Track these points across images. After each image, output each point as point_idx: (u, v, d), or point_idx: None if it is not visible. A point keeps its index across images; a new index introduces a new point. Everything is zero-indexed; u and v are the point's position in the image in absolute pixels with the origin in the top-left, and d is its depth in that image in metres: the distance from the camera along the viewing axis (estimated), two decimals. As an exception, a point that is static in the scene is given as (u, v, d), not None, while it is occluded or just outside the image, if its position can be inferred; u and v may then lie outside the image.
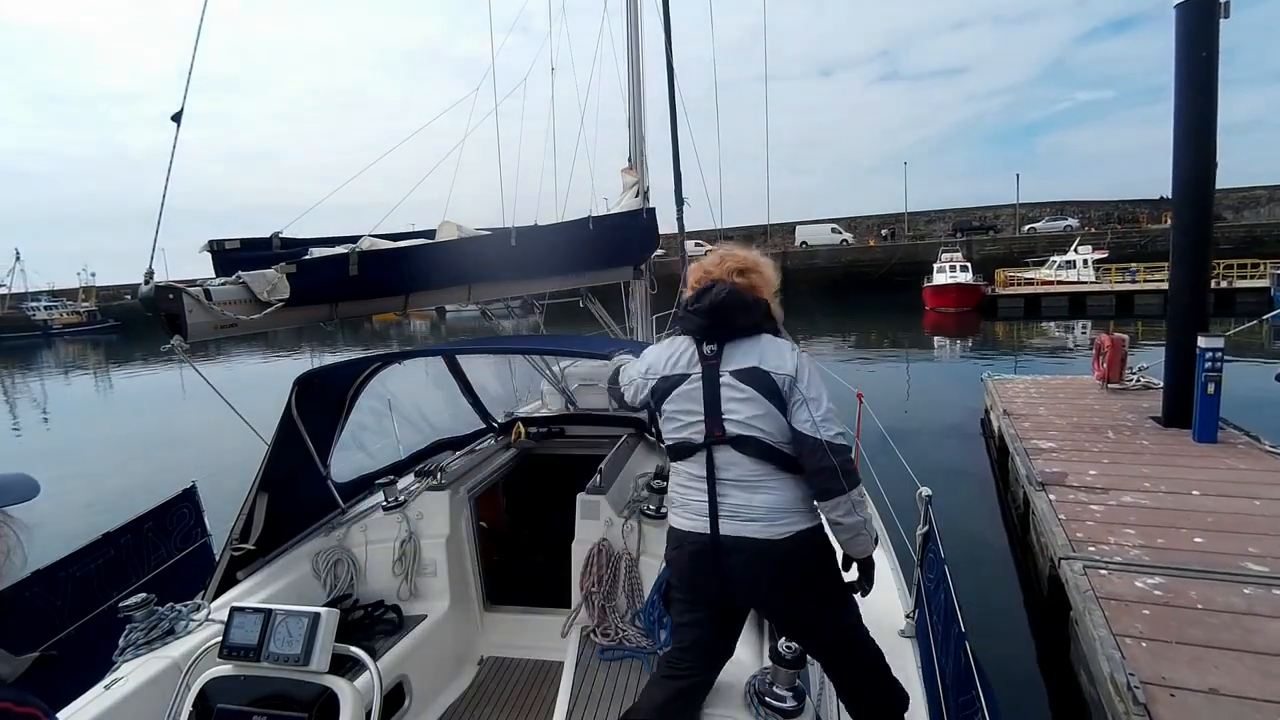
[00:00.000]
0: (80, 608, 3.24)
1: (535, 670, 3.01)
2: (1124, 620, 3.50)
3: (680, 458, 1.88)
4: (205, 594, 2.52)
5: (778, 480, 1.77)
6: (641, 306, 5.69)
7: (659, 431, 2.98)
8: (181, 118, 2.39)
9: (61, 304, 51.15)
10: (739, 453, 1.77)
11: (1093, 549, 4.34)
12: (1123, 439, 6.75)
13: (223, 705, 1.85)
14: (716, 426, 1.79)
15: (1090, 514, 4.90)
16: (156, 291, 2.24)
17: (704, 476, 1.81)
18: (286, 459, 2.73)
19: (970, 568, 5.21)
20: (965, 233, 42.81)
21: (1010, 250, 36.51)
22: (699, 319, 1.88)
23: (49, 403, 21.08)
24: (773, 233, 50.04)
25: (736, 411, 1.78)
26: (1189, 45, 6.54)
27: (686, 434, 1.85)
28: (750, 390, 1.78)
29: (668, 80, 5.96)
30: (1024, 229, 42.69)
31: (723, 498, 1.78)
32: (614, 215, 4.71)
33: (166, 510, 3.93)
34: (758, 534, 1.74)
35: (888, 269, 37.32)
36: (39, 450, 14.00)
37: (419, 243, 3.28)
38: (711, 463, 1.80)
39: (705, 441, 1.80)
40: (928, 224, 49.82)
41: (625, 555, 2.71)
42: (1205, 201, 6.84)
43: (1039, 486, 5.44)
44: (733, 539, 1.76)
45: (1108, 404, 8.26)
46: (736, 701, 1.87)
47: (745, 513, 1.76)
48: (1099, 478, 5.64)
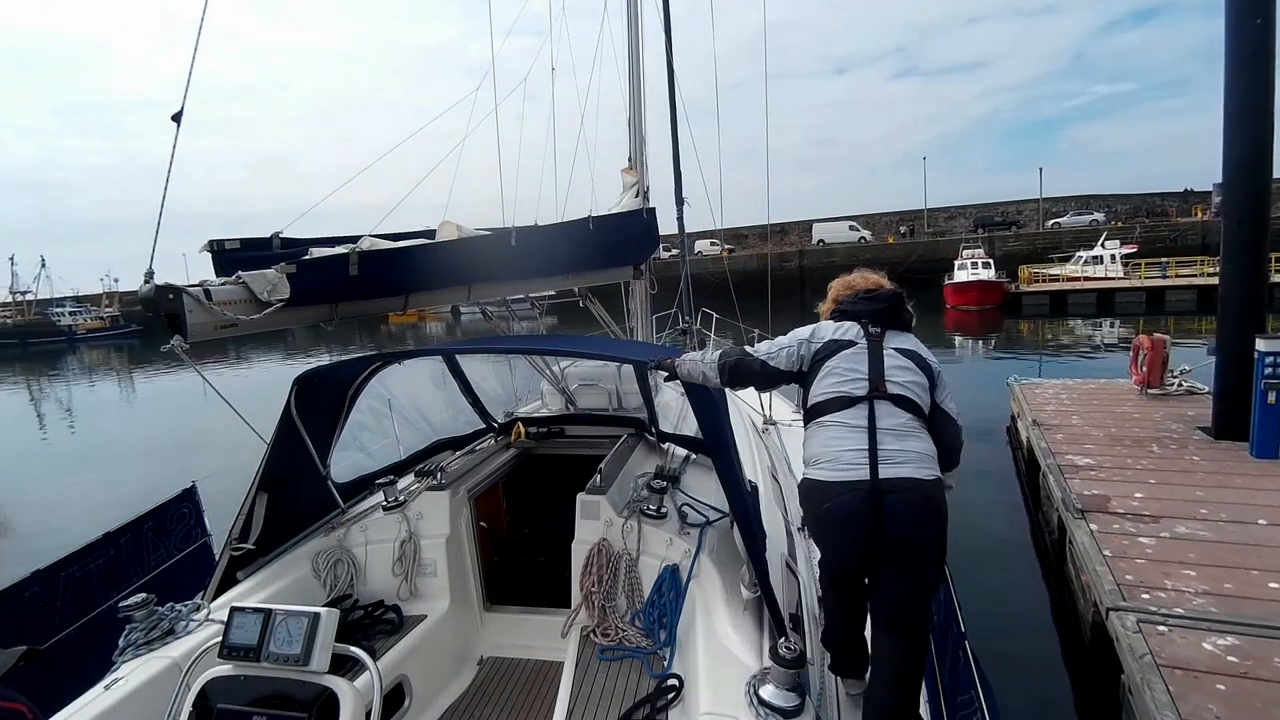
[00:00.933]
0: (80, 608, 3.24)
1: (535, 670, 3.01)
2: (1193, 698, 2.83)
3: (834, 410, 2.18)
4: (205, 594, 2.52)
5: (922, 433, 2.17)
6: (641, 306, 5.69)
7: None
8: (181, 118, 2.39)
9: (85, 310, 51.92)
10: (896, 407, 2.15)
11: (1147, 596, 3.65)
12: (1169, 454, 5.99)
13: (223, 705, 1.85)
14: (880, 384, 2.18)
15: (1140, 549, 4.21)
16: (156, 291, 2.23)
17: (864, 426, 2.13)
18: (286, 459, 2.73)
19: (995, 603, 4.78)
20: (987, 229, 41.48)
21: (1034, 246, 35.30)
22: (873, 304, 2.38)
23: (74, 406, 21.39)
24: (789, 231, 49.69)
25: (897, 375, 2.20)
26: (1240, 11, 5.91)
27: (847, 388, 2.19)
28: (910, 364, 2.23)
29: (668, 80, 5.97)
30: (1048, 224, 41.47)
31: (881, 445, 2.10)
32: (614, 215, 4.70)
33: (166, 510, 3.93)
34: (912, 474, 2.06)
35: (907, 267, 36.23)
36: (64, 452, 14.16)
37: (419, 243, 3.28)
38: (872, 413, 2.14)
39: (868, 394, 2.16)
40: (948, 220, 48.26)
41: (625, 555, 2.71)
42: (1261, 185, 6.13)
43: (1078, 514, 4.78)
44: (891, 480, 2.05)
45: (1148, 412, 7.49)
46: (737, 701, 1.87)
47: (900, 456, 2.08)
48: (1147, 502, 4.91)
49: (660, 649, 2.43)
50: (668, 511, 2.80)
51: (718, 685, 1.93)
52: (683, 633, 2.39)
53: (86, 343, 45.22)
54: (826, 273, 14.75)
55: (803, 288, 39.13)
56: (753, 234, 49.57)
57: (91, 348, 42.81)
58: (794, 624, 2.24)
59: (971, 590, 4.37)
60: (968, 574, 4.69)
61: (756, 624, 2.21)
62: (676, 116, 6.02)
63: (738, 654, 2.03)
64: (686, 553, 2.59)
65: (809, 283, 39.32)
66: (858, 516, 2.02)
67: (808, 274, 40.32)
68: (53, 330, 47.41)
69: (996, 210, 47.23)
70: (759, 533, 2.17)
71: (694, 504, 2.87)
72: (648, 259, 5.26)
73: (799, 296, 37.92)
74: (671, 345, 6.68)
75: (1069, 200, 46.27)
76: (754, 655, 2.06)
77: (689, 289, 7.33)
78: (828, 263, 39.60)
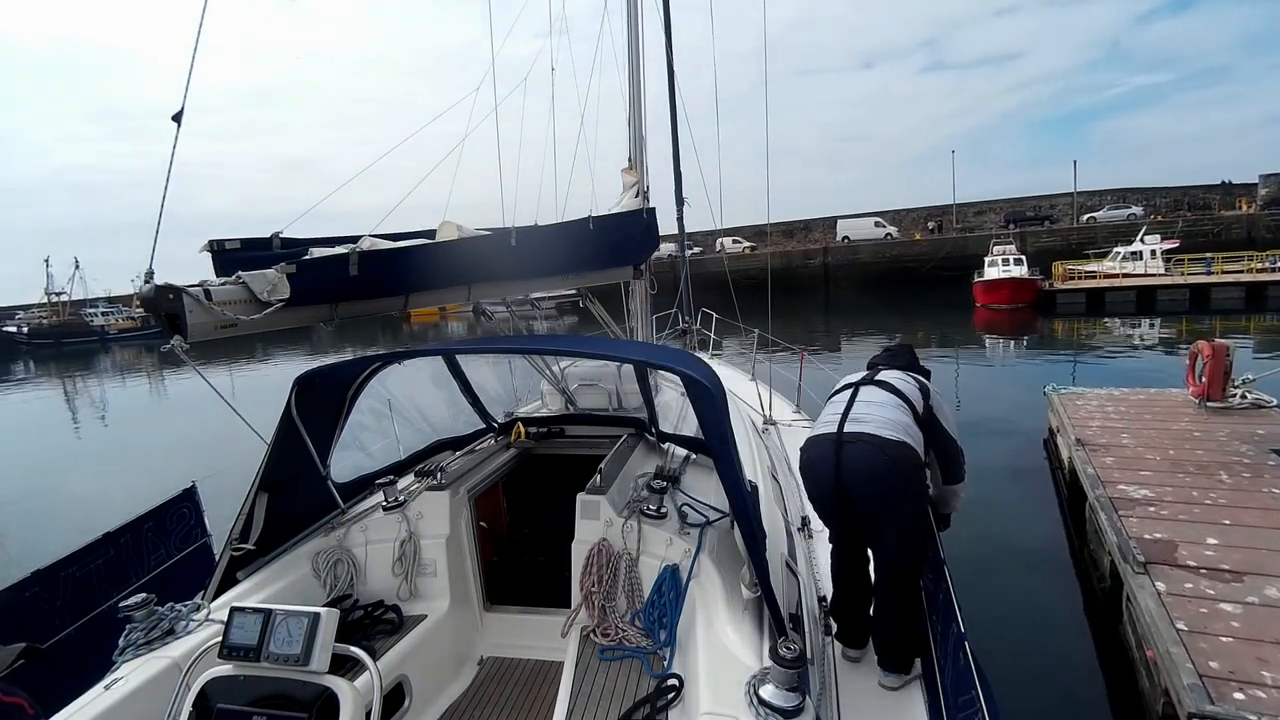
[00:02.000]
0: (80, 608, 3.24)
1: (535, 670, 3.01)
2: None
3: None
4: (205, 594, 2.51)
5: (900, 410, 2.70)
6: (641, 306, 5.69)
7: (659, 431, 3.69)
8: (181, 118, 2.40)
9: (117, 310, 52.59)
10: (879, 389, 2.81)
11: (1240, 694, 2.87)
12: (1243, 485, 5.07)
13: (223, 705, 1.85)
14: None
15: (1223, 620, 3.40)
16: (156, 291, 2.24)
17: (846, 399, 2.83)
18: (286, 459, 2.73)
19: (1033, 661, 4.09)
20: (1018, 224, 39.68)
21: (1068, 241, 33.72)
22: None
23: (106, 404, 21.77)
24: (813, 227, 48.43)
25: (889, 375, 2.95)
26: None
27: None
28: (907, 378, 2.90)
29: (668, 80, 5.99)
30: (1082, 218, 39.65)
31: (853, 411, 2.69)
32: (614, 215, 4.70)
33: (166, 510, 3.93)
34: (874, 431, 2.55)
35: (935, 263, 35.30)
36: (91, 451, 14.34)
37: (419, 243, 3.27)
38: (855, 392, 2.83)
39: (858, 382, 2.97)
40: (977, 215, 46.46)
41: (625, 555, 2.71)
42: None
43: (1139, 568, 3.93)
44: (853, 434, 2.57)
45: (1211, 429, 6.47)
46: (737, 701, 1.86)
47: (866, 418, 2.63)
48: (1224, 552, 4.04)
49: (660, 649, 2.43)
50: (668, 511, 2.80)
51: (718, 685, 1.93)
52: (683, 633, 2.39)
53: (118, 342, 46.24)
54: (851, 270, 14.32)
55: (826, 286, 38.06)
56: (775, 231, 48.39)
57: (123, 347, 43.80)
58: (794, 624, 2.24)
59: (1004, 645, 3.96)
60: (1000, 621, 4.26)
61: (756, 624, 2.21)
62: (676, 117, 6.02)
63: (738, 654, 2.03)
64: (686, 553, 2.59)
65: (833, 281, 38.29)
66: (823, 458, 2.58)
67: (832, 272, 39.09)
68: (86, 330, 48.34)
69: (1028, 205, 44.99)
70: (759, 533, 2.17)
71: (694, 504, 2.87)
72: (648, 259, 5.27)
73: (822, 295, 36.92)
74: (672, 345, 6.69)
75: (1104, 194, 43.95)
76: (754, 655, 2.06)
77: (689, 289, 7.34)
78: (853, 260, 38.83)
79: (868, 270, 37.12)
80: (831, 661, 2.69)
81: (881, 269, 36.99)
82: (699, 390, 2.25)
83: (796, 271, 38.55)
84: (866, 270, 37.16)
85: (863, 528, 2.64)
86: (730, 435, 2.24)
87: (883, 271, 36.66)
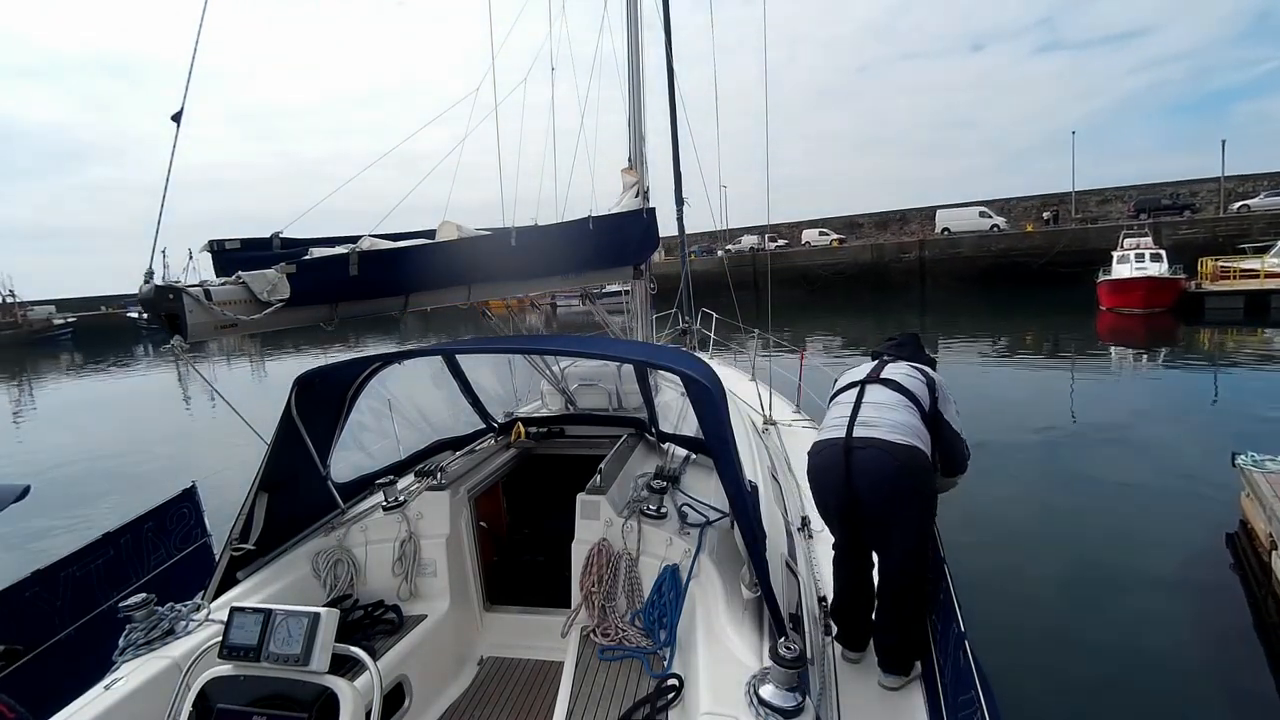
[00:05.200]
0: (80, 608, 3.24)
1: (535, 670, 3.01)
2: None
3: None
4: (205, 594, 2.51)
5: (907, 411, 2.69)
6: (641, 306, 5.69)
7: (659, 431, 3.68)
8: (181, 117, 2.39)
9: None
10: (885, 389, 2.80)
11: None
12: None
13: (223, 705, 1.85)
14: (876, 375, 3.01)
15: None
16: (156, 291, 2.24)
17: (852, 402, 2.84)
18: (286, 459, 2.73)
19: None
20: (1151, 213, 33.89)
21: (1214, 234, 28.49)
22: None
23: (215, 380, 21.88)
24: (910, 218, 44.57)
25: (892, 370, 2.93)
26: None
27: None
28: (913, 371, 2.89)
29: (668, 81, 5.99)
30: (1233, 207, 33.68)
31: (860, 414, 2.68)
32: (614, 215, 4.70)
33: (166, 510, 3.93)
34: (883, 436, 2.55)
35: (1049, 259, 30.66)
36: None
37: (419, 243, 3.28)
38: (861, 394, 2.83)
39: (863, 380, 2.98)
40: (1100, 204, 40.40)
41: (625, 555, 2.70)
42: None
43: None
44: (862, 439, 2.57)
45: None
46: (736, 701, 1.86)
47: (874, 421, 2.62)
48: None
49: (660, 649, 2.43)
50: (668, 511, 2.80)
51: (718, 685, 1.93)
52: (683, 633, 2.38)
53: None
54: (950, 266, 13.52)
55: (922, 282, 34.02)
56: (869, 222, 45.03)
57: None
58: (794, 624, 2.24)
59: None
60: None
61: (756, 624, 2.21)
62: (676, 116, 6.02)
63: (738, 654, 2.03)
64: (686, 553, 2.59)
65: (929, 276, 34.12)
66: (832, 464, 2.58)
67: (929, 266, 34.04)
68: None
69: (1163, 191, 38.24)
70: (759, 533, 2.17)
71: (694, 504, 2.87)
72: (648, 259, 5.26)
73: (918, 293, 32.98)
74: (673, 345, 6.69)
75: (1261, 178, 36.79)
76: (754, 655, 2.06)
77: (689, 289, 7.33)
78: (953, 254, 33.74)
79: (970, 265, 32.78)
80: (831, 662, 2.69)
81: (986, 264, 32.46)
82: (699, 390, 2.24)
83: (890, 267, 35.13)
84: (969, 265, 32.81)
85: (869, 532, 2.64)
86: (730, 435, 2.24)
87: (987, 267, 32.30)
